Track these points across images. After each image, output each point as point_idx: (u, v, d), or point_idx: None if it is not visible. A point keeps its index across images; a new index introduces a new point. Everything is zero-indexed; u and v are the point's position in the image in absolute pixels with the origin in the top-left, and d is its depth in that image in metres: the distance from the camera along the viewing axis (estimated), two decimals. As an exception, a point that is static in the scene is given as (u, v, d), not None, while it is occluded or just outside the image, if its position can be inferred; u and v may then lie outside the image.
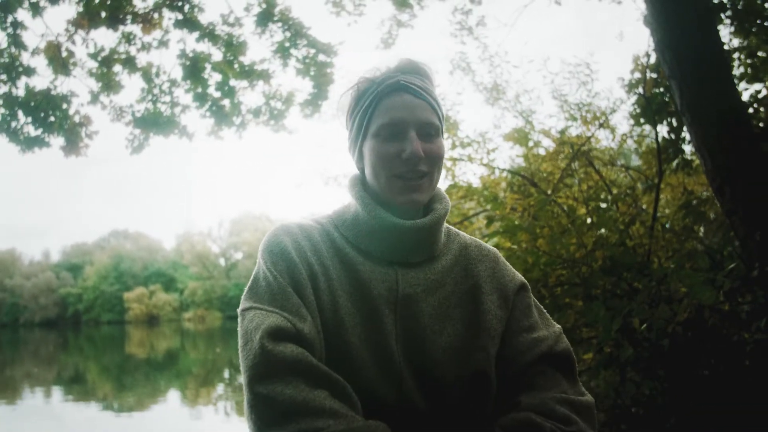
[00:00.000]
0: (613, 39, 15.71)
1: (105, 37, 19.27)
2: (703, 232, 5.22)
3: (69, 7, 6.25)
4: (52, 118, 6.29)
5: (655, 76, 5.20)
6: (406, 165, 1.13)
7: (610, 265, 4.00)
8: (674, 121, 5.02)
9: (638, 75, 5.53)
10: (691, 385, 3.35)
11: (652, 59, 5.19)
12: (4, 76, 6.18)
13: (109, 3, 6.17)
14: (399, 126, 1.14)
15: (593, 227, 4.62)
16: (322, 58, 6.88)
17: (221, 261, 71.17)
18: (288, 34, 6.80)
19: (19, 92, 6.26)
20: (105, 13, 6.22)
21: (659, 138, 5.11)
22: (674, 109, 4.69)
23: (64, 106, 6.37)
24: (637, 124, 5.51)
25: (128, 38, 6.52)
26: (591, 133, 5.79)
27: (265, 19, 6.68)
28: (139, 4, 6.38)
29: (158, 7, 6.42)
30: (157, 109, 6.80)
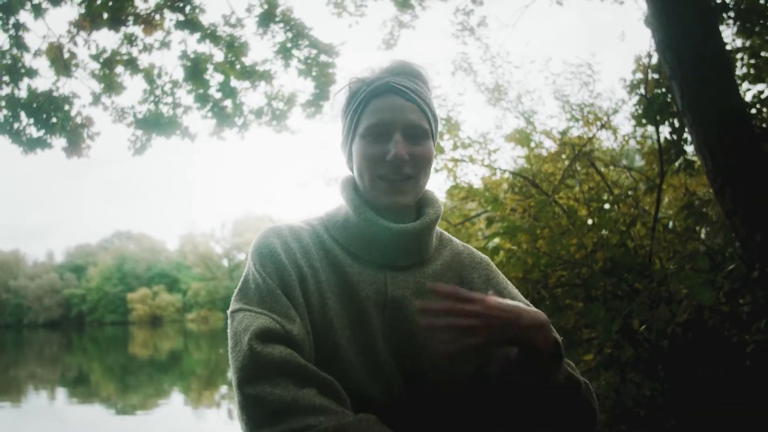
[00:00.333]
0: (615, 39, 15.65)
1: (107, 39, 19.41)
2: (705, 233, 5.20)
3: (71, 9, 6.23)
4: (54, 120, 6.30)
5: (656, 76, 5.18)
6: (390, 167, 1.13)
7: (611, 266, 3.99)
8: (676, 122, 4.99)
9: (640, 75, 5.50)
10: (691, 386, 3.34)
11: (654, 60, 5.16)
12: (7, 78, 6.18)
13: (111, 4, 6.18)
14: (385, 127, 1.14)
15: (594, 228, 4.60)
16: (324, 58, 6.87)
17: (224, 262, 71.21)
18: (290, 35, 6.79)
19: (22, 94, 6.27)
20: (107, 15, 6.22)
21: (661, 139, 5.10)
22: (676, 110, 4.68)
23: (66, 107, 6.37)
24: (639, 124, 5.49)
25: (130, 39, 6.52)
26: (593, 134, 5.78)
27: (266, 19, 6.68)
28: (141, 6, 6.40)
29: (159, 8, 6.43)
30: (159, 110, 6.80)
